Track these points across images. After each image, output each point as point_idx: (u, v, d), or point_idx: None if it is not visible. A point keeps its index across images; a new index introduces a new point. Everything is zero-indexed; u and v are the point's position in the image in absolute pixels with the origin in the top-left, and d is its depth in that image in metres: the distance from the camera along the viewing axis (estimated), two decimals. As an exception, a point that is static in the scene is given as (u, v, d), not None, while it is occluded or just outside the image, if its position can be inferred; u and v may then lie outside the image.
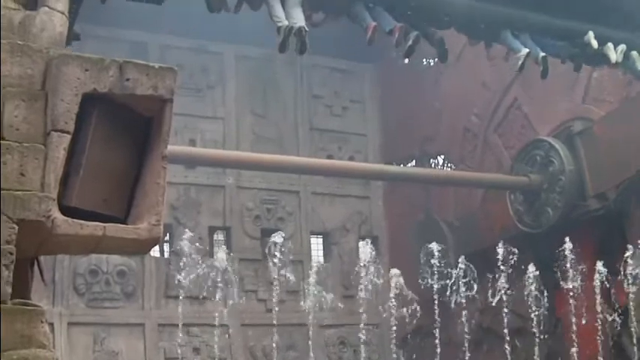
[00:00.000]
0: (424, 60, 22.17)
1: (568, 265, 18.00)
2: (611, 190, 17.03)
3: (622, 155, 16.59)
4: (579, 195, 17.47)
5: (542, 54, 13.91)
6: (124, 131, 6.78)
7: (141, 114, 6.82)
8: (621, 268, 17.03)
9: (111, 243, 6.58)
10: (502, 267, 18.83)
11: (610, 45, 14.43)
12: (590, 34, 14.24)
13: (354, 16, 13.00)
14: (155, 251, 19.96)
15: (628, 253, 16.70)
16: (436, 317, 20.22)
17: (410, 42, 12.80)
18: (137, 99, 6.60)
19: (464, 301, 19.74)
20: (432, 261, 19.78)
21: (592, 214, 17.38)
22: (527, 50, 13.75)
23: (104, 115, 6.54)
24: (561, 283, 18.13)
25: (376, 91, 22.88)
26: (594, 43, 14.25)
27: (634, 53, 14.72)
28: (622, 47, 14.50)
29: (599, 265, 17.47)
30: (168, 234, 19.85)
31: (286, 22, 12.12)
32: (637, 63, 14.73)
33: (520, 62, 13.80)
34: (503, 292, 19.17)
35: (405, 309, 20.01)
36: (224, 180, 20.50)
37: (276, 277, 20.04)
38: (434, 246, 18.79)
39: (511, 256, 18.81)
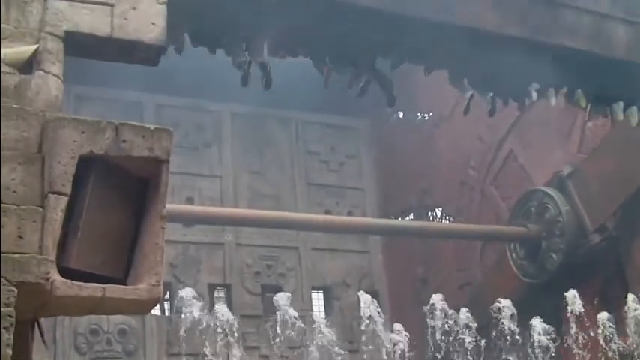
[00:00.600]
0: (419, 114, 22.30)
1: (571, 317, 18.01)
2: (610, 220, 17.06)
3: (613, 185, 16.70)
4: (580, 234, 17.49)
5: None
6: (121, 192, 6.86)
7: (138, 175, 6.90)
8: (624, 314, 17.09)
9: (111, 304, 6.63)
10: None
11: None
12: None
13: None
14: (156, 309, 19.91)
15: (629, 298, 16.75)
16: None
17: (362, 84, 12.75)
18: (133, 160, 6.69)
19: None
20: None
21: (596, 248, 17.33)
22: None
23: (101, 177, 6.63)
24: (565, 336, 18.13)
25: (372, 146, 22.98)
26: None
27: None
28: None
29: (603, 316, 17.49)
30: (168, 292, 19.84)
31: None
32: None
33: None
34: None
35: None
36: (223, 237, 20.53)
37: (279, 333, 20.12)
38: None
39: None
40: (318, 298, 21.57)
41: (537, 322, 17.75)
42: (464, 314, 18.66)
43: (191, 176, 20.43)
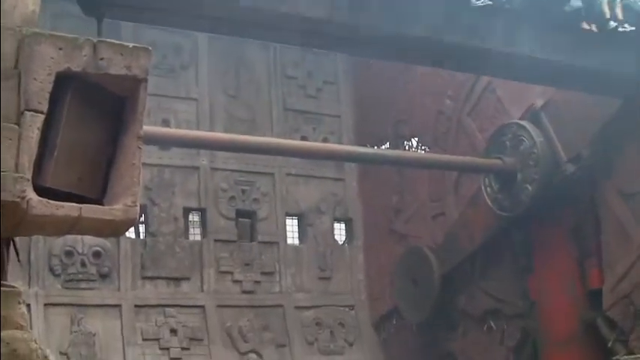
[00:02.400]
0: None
1: (541, 248, 18.16)
2: (584, 149, 17.09)
3: (586, 115, 16.67)
4: (554, 164, 17.52)
5: None
6: (99, 111, 6.79)
7: (115, 94, 6.82)
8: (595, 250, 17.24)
9: (87, 224, 6.59)
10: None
11: None
12: None
13: None
14: (130, 232, 19.92)
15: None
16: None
17: None
18: (111, 78, 6.61)
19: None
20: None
21: (570, 179, 17.38)
22: None
23: (78, 95, 6.54)
24: (535, 266, 18.31)
25: (350, 73, 22.86)
26: None
27: None
28: None
29: (574, 248, 17.64)
30: (143, 215, 19.83)
31: None
32: None
33: None
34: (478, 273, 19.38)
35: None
36: (198, 161, 20.47)
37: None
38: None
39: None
40: (292, 225, 21.63)
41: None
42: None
43: (167, 98, 20.31)
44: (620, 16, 13.47)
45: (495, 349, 18.89)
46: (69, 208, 6.30)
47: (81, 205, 6.36)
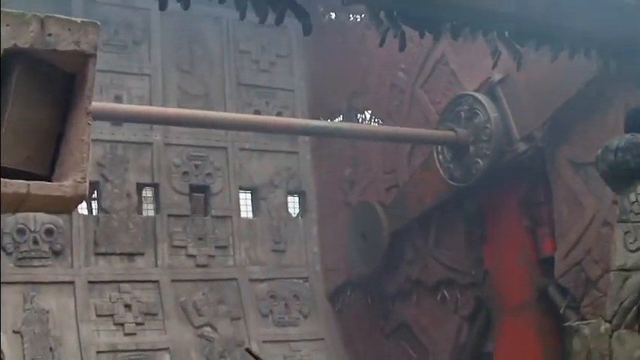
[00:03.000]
0: (351, 15, 22.17)
1: (494, 217, 18.32)
2: (538, 130, 17.23)
3: (543, 95, 16.80)
4: (507, 141, 17.65)
5: None
6: (47, 88, 6.73)
7: (64, 70, 6.77)
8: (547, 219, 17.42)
9: (36, 201, 6.54)
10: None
11: None
12: None
13: None
14: (83, 209, 19.83)
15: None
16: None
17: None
18: (59, 55, 6.54)
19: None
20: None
21: (521, 157, 17.55)
22: None
23: (26, 72, 6.48)
24: (488, 235, 18.47)
25: (303, 47, 22.84)
26: None
27: None
28: None
29: (526, 217, 17.81)
30: (95, 191, 19.74)
31: None
32: None
33: None
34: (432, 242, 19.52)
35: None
36: (151, 137, 20.40)
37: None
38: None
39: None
40: (245, 199, 21.65)
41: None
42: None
43: (120, 74, 20.21)
44: None
45: (449, 319, 19.07)
46: (17, 185, 6.25)
47: (29, 182, 6.31)
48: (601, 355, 11.53)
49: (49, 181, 6.54)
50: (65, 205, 6.69)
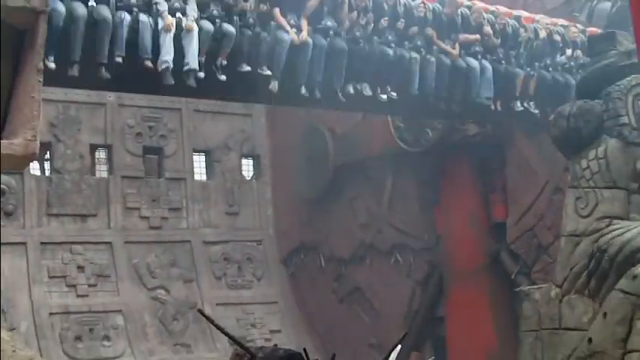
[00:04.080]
0: None
1: (447, 182, 18.39)
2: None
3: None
4: (458, 123, 17.72)
5: None
6: (-3, 45, 6.62)
7: (15, 27, 6.67)
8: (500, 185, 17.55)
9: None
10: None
11: None
12: None
13: None
14: (35, 169, 19.63)
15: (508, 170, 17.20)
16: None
17: None
18: (10, 11, 6.45)
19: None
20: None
21: (469, 139, 17.67)
22: None
23: (-25, 28, 6.39)
24: (441, 200, 18.55)
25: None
26: None
27: None
28: None
29: (479, 182, 17.92)
30: (48, 152, 19.55)
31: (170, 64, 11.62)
32: None
33: None
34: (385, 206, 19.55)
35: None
36: (105, 97, 20.19)
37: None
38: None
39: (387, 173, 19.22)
40: (199, 161, 21.54)
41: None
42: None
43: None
44: None
45: (402, 283, 19.17)
46: (-33, 143, 6.18)
47: (-21, 140, 6.24)
48: (551, 320, 11.66)
49: (-2, 140, 6.46)
50: (15, 164, 6.63)
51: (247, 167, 22.26)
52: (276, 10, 12.49)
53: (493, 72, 14.53)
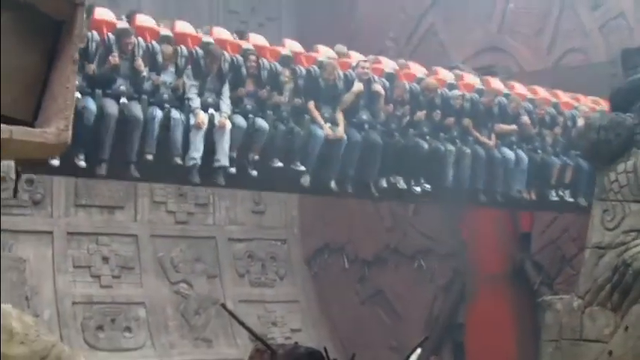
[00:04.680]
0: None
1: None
2: None
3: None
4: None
5: None
6: (34, 35, 6.68)
7: (52, 17, 6.74)
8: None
9: (18, 147, 6.51)
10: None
11: None
12: None
13: None
14: (65, 160, 19.78)
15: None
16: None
17: None
18: (48, 2, 6.51)
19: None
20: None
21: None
22: None
23: (13, 18, 6.45)
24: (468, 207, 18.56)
25: (292, 9, 22.71)
26: None
27: None
28: None
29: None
30: (78, 143, 19.66)
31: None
32: None
33: None
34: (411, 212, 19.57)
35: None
36: (137, 89, 20.28)
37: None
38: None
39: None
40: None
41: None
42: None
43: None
44: None
45: (425, 287, 19.21)
46: (0, 130, 6.23)
47: (12, 127, 6.29)
48: (572, 331, 11.63)
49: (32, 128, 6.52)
50: (47, 152, 6.66)
51: (276, 165, 22.30)
52: (311, 104, 12.44)
53: (529, 161, 14.47)
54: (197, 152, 11.36)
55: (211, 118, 11.51)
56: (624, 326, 10.94)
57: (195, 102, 11.49)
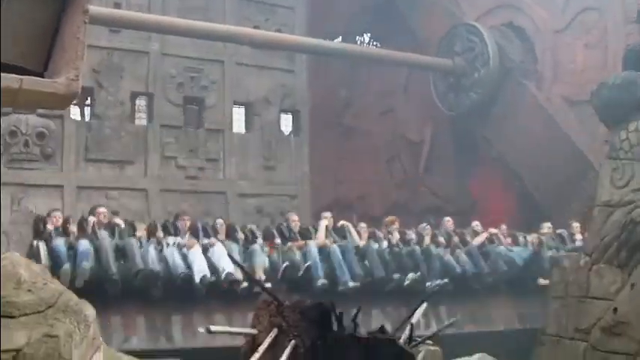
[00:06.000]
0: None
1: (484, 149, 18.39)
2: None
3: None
4: (503, 76, 17.72)
5: None
6: (45, -15, 6.69)
7: (62, -33, 6.72)
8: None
9: (28, 96, 6.54)
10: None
11: None
12: None
13: None
14: (76, 114, 19.80)
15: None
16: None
17: None
18: (58, -48, 6.50)
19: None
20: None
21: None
22: None
23: (24, -32, 6.45)
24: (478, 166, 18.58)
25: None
26: None
27: None
28: None
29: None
30: (89, 98, 19.69)
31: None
32: None
33: None
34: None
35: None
36: (148, 46, 20.24)
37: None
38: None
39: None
40: (239, 113, 21.61)
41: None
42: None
43: (120, -19, 20.01)
44: None
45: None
46: (10, 80, 6.23)
47: (22, 77, 6.30)
48: (579, 287, 11.70)
49: (42, 77, 6.53)
50: (57, 102, 6.68)
51: (286, 122, 22.32)
52: None
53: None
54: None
55: None
56: (630, 284, 10.99)
57: None
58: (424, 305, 7.43)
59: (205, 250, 13.40)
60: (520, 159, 17.72)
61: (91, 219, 14.00)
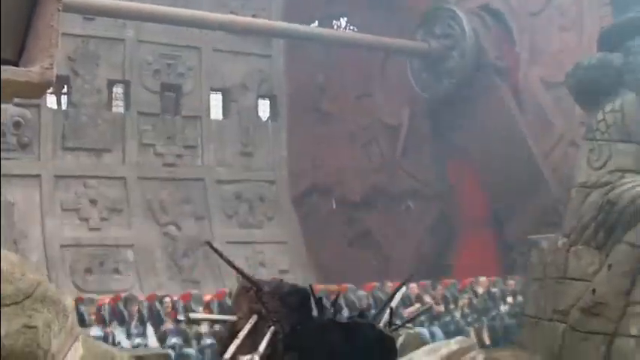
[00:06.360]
0: None
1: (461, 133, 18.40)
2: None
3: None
4: (480, 61, 17.72)
5: None
6: (17, -27, 6.63)
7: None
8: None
9: (2, 85, 6.50)
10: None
11: None
12: None
13: None
14: (52, 103, 19.72)
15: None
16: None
17: None
18: (30, -62, 6.45)
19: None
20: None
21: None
22: None
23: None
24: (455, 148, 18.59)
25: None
26: None
27: None
28: None
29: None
30: (65, 86, 19.60)
31: None
32: None
33: None
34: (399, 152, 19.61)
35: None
36: (124, 33, 20.17)
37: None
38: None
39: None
40: (216, 100, 21.57)
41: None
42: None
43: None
44: None
45: (411, 228, 19.28)
46: (-17, 70, 6.19)
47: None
48: (557, 269, 11.71)
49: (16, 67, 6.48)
50: (32, 91, 6.63)
51: (264, 108, 22.30)
52: None
53: (445, 332, 14.73)
54: None
55: None
56: (608, 264, 11.01)
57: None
58: (403, 289, 7.44)
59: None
60: (480, 154, 17.78)
61: None
